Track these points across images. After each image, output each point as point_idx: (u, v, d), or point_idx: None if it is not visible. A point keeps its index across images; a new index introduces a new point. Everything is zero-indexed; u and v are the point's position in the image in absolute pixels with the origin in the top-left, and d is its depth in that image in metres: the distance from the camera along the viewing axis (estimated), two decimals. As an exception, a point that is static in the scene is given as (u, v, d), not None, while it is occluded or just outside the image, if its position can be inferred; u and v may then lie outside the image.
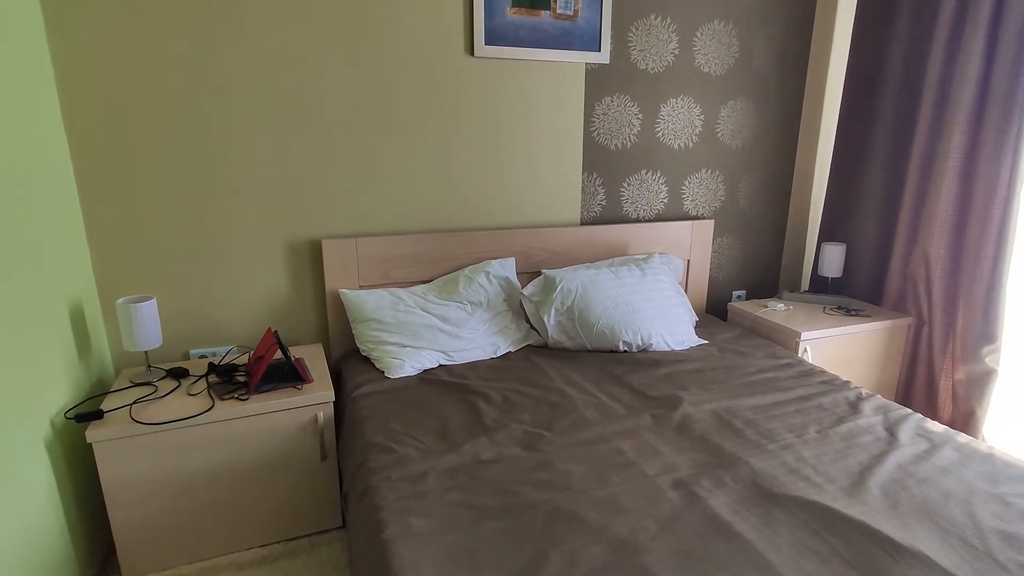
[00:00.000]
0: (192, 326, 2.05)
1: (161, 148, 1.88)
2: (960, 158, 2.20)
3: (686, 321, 2.32)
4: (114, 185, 1.85)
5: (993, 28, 2.07)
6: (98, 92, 1.78)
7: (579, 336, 2.18)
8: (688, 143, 2.58)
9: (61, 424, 1.58)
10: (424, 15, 2.06)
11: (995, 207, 2.11)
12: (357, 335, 2.09)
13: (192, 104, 1.88)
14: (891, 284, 2.54)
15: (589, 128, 2.40)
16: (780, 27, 2.59)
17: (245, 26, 1.88)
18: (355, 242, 2.12)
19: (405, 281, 2.23)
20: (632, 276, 2.30)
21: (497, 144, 2.27)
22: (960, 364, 2.28)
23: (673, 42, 2.42)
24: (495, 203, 2.33)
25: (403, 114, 2.12)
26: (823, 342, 2.37)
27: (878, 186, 2.54)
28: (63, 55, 1.72)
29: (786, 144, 2.78)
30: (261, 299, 2.11)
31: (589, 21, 2.25)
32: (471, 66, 2.16)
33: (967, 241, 2.22)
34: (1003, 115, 2.06)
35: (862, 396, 1.86)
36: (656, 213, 2.62)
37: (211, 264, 2.02)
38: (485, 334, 2.17)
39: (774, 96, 2.68)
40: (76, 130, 1.78)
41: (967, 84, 2.13)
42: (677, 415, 1.72)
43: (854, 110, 2.60)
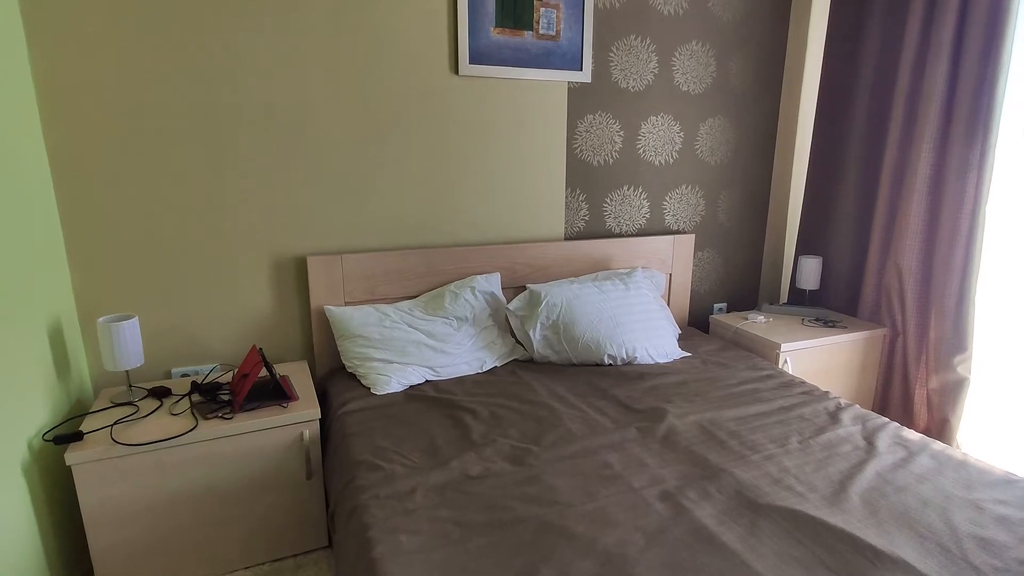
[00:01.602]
0: (174, 344, 2.02)
1: (143, 165, 1.87)
2: (928, 174, 2.29)
3: (669, 334, 2.35)
4: (95, 202, 1.84)
5: (956, 51, 2.17)
6: (80, 109, 1.77)
7: (564, 350, 2.20)
8: (669, 159, 2.64)
9: (39, 446, 1.54)
10: (409, 35, 2.09)
11: (962, 221, 2.19)
12: (343, 352, 2.08)
13: (176, 122, 1.87)
14: (866, 296, 2.61)
15: (572, 145, 2.44)
16: (755, 48, 2.68)
17: (230, 44, 1.89)
18: (341, 259, 2.12)
19: (391, 297, 2.23)
20: (616, 290, 2.33)
21: (482, 161, 2.30)
22: (933, 373, 2.35)
23: (653, 62, 2.49)
24: (480, 219, 2.35)
25: (388, 131, 2.14)
26: (802, 353, 2.42)
27: (851, 201, 2.62)
28: (45, 72, 1.71)
29: (763, 160, 2.85)
30: (245, 316, 2.09)
31: (571, 41, 2.30)
32: (456, 84, 2.19)
33: (937, 254, 2.30)
34: (967, 134, 2.15)
35: (841, 406, 1.90)
36: (638, 228, 2.67)
37: (194, 281, 2.00)
38: (471, 349, 2.18)
39: (750, 114, 2.75)
40: (57, 147, 1.77)
41: (932, 104, 2.22)
42: (662, 427, 1.74)
43: (827, 128, 2.68)
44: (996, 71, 2.05)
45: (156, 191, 1.90)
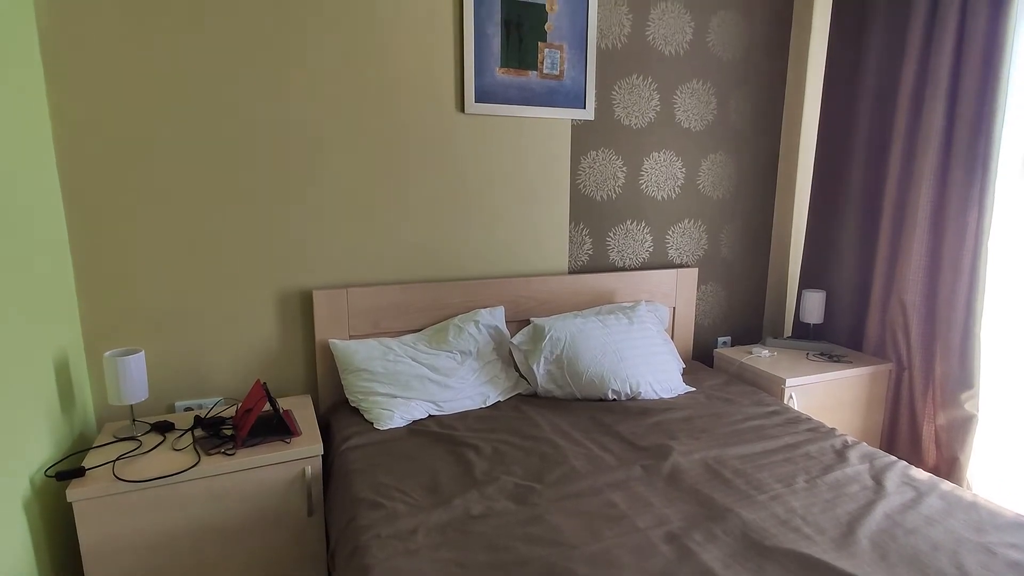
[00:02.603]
0: (178, 377, 2.03)
1: (152, 199, 1.90)
2: (929, 211, 2.30)
3: (673, 368, 2.34)
4: (104, 235, 1.87)
5: (952, 91, 2.21)
6: (92, 146, 1.81)
7: (568, 385, 2.20)
8: (671, 194, 2.67)
9: (40, 482, 1.54)
10: (417, 75, 2.14)
11: (965, 257, 2.20)
12: (346, 386, 2.08)
13: (185, 157, 1.92)
14: (871, 330, 2.60)
15: (576, 180, 2.47)
16: (754, 87, 2.73)
17: (241, 82, 1.94)
18: (346, 292, 2.14)
19: (395, 330, 2.24)
20: (620, 324, 2.33)
21: (486, 196, 2.33)
22: (941, 410, 2.33)
23: (655, 100, 2.54)
24: (484, 253, 2.38)
25: (394, 167, 2.18)
26: (808, 388, 2.40)
27: (854, 236, 2.63)
28: (60, 107, 1.76)
29: (764, 195, 2.88)
30: (249, 350, 2.10)
31: (575, 80, 2.36)
32: (462, 122, 2.24)
33: (940, 290, 2.30)
34: (966, 171, 2.17)
35: (848, 444, 1.88)
36: (642, 261, 2.69)
37: (200, 314, 2.02)
38: (474, 383, 2.17)
39: (751, 150, 2.80)
40: (70, 181, 1.81)
41: (931, 142, 2.25)
42: (667, 465, 1.73)
43: (827, 164, 2.72)
44: (993, 110, 2.08)
45: (164, 225, 1.93)
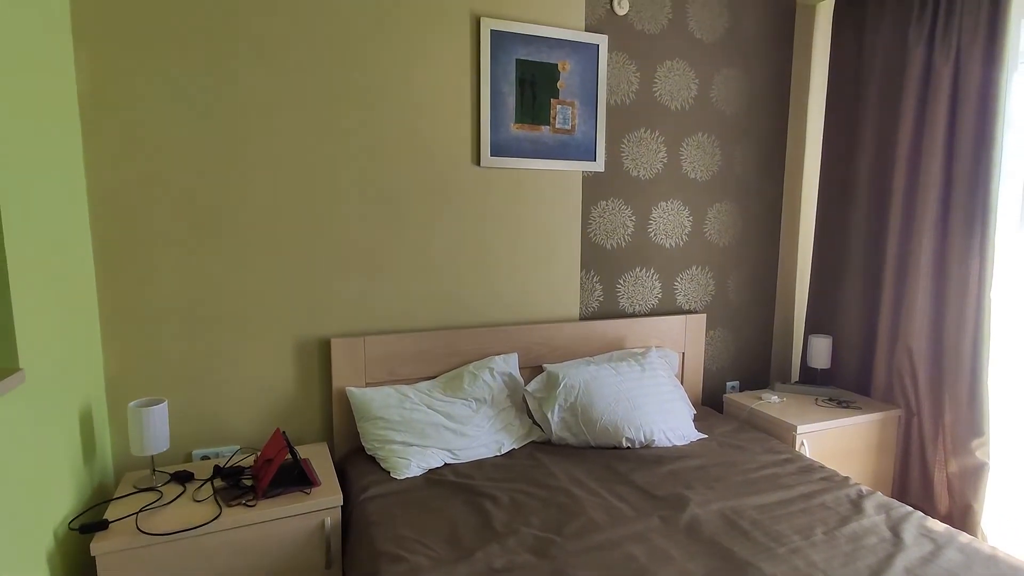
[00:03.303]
0: (196, 425, 2.04)
1: (179, 253, 1.96)
2: (931, 260, 2.37)
3: (685, 415, 2.36)
4: (130, 288, 1.91)
5: (948, 148, 2.30)
6: (125, 204, 1.88)
7: (582, 432, 2.21)
8: (679, 242, 2.74)
9: (63, 535, 1.54)
10: (436, 130, 2.23)
11: (968, 305, 2.25)
12: (363, 434, 2.10)
13: (210, 211, 1.98)
14: (878, 376, 2.63)
15: (586, 229, 2.54)
16: (756, 138, 2.83)
17: (264, 136, 2.02)
18: (363, 340, 2.18)
19: (410, 378, 2.26)
20: (632, 371, 2.37)
21: (501, 245, 2.40)
22: (952, 457, 2.34)
23: (662, 152, 2.63)
24: (498, 300, 2.42)
25: (411, 218, 2.25)
26: (819, 435, 2.42)
27: (858, 283, 2.69)
28: (95, 165, 1.83)
29: (769, 242, 2.96)
30: (267, 398, 2.12)
31: (585, 134, 2.45)
32: (477, 175, 2.32)
33: (946, 337, 2.34)
34: (966, 225, 2.24)
35: (863, 493, 1.89)
36: (651, 308, 2.73)
37: (219, 364, 2.05)
38: (489, 431, 2.19)
39: (755, 199, 2.88)
40: (101, 237, 1.86)
41: (930, 196, 2.33)
42: (685, 516, 1.73)
43: (829, 213, 2.80)
44: (989, 166, 2.16)
45: (186, 277, 1.98)
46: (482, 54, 2.23)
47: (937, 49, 2.30)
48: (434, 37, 2.19)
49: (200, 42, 1.91)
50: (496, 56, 2.26)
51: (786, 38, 2.83)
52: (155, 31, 1.86)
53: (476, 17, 2.23)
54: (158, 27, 1.86)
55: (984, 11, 2.16)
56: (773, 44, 2.80)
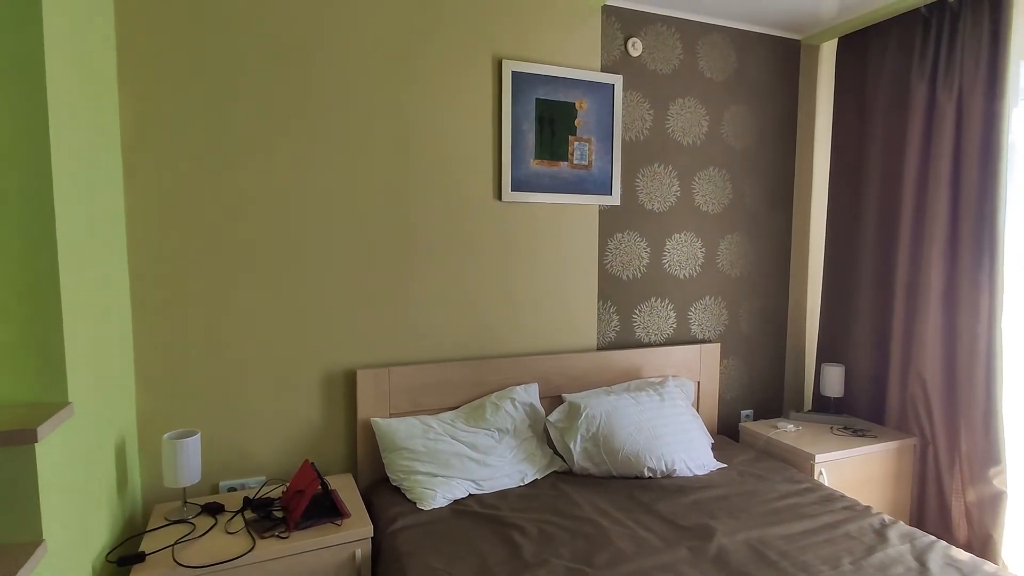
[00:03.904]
0: (223, 457, 2.06)
1: (209, 286, 2.01)
2: (941, 291, 2.42)
3: (704, 444, 2.39)
4: (163, 322, 1.96)
5: (954, 184, 2.38)
6: (162, 239, 1.94)
7: (604, 462, 2.24)
8: (692, 273, 2.80)
9: (101, 567, 1.56)
10: (460, 167, 2.31)
11: (980, 335, 2.30)
12: (388, 464, 2.12)
13: (244, 248, 2.04)
14: (892, 404, 2.66)
15: (603, 261, 2.60)
16: (765, 172, 2.92)
17: (296, 174, 2.09)
18: (388, 371, 2.21)
19: (433, 408, 2.29)
20: (651, 401, 2.40)
21: (520, 277, 2.45)
22: (969, 486, 2.36)
23: (675, 186, 2.71)
24: (518, 331, 2.47)
25: (435, 251, 2.31)
26: (837, 464, 2.44)
27: (869, 313, 2.74)
28: (135, 207, 1.90)
29: (780, 272, 3.02)
30: (292, 429, 2.15)
31: (602, 169, 2.53)
32: (499, 209, 2.39)
33: (959, 366, 2.38)
34: (974, 258, 2.30)
35: (885, 523, 1.91)
36: (666, 337, 2.78)
37: (247, 396, 2.08)
38: (512, 461, 2.21)
39: (765, 231, 2.95)
40: (137, 274, 1.92)
41: (937, 230, 2.40)
42: (712, 547, 1.75)
43: (837, 243, 2.87)
44: (995, 199, 2.24)
45: (221, 311, 2.03)
46: (504, 94, 2.32)
47: (940, 87, 2.40)
48: (459, 79, 2.28)
49: (239, 85, 2.00)
50: (517, 96, 2.35)
51: (791, 76, 2.94)
52: (195, 74, 1.94)
53: (498, 60, 2.33)
54: (198, 70, 1.95)
55: (984, 52, 2.26)
56: (779, 82, 2.91)
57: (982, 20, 2.26)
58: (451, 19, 2.26)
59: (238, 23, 1.99)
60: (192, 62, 1.94)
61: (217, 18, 1.96)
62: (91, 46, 1.61)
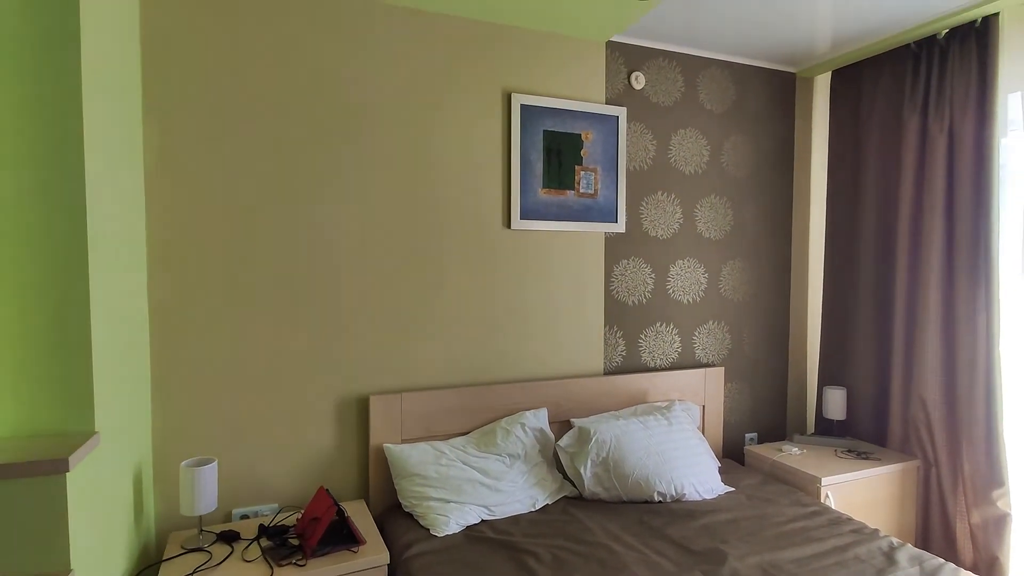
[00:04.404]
0: (236, 484, 2.07)
1: (227, 315, 2.04)
2: (940, 313, 2.48)
3: (712, 468, 2.41)
4: (179, 350, 1.99)
5: (948, 209, 2.46)
6: (177, 268, 1.98)
7: (614, 487, 2.25)
8: (696, 298, 2.85)
9: (120, 598, 1.56)
10: (470, 196, 2.37)
11: (979, 360, 2.35)
12: (400, 490, 2.13)
13: (261, 277, 2.08)
14: (894, 427, 2.70)
15: (609, 287, 2.66)
16: (765, 199, 3.00)
17: (312, 203, 2.15)
18: (400, 397, 2.24)
19: (444, 433, 2.31)
20: (659, 425, 2.43)
21: (529, 303, 2.50)
22: (973, 507, 2.39)
23: (678, 213, 2.78)
24: (527, 357, 2.51)
25: (446, 279, 2.35)
26: (842, 487, 2.46)
27: (869, 336, 2.80)
28: (155, 235, 1.94)
29: (780, 297, 3.08)
30: (305, 456, 2.16)
31: (607, 198, 2.60)
32: (507, 237, 2.44)
33: (959, 388, 2.43)
34: (970, 281, 2.37)
35: (894, 546, 1.94)
36: (671, 362, 2.82)
37: (260, 423, 2.10)
38: (523, 486, 2.23)
39: (765, 256, 3.02)
40: (155, 303, 1.95)
41: (933, 255, 2.47)
42: (725, 571, 1.77)
43: (836, 269, 2.94)
44: (988, 225, 2.31)
45: (236, 338, 2.06)
46: (513, 126, 2.40)
47: (931, 118, 2.49)
48: (470, 112, 2.36)
49: (259, 118, 2.06)
50: (525, 127, 2.43)
51: (788, 107, 3.04)
52: (217, 104, 2.00)
53: (508, 93, 2.41)
54: (221, 103, 2.01)
55: (973, 86, 2.36)
56: (777, 113, 3.01)
57: (970, 55, 2.37)
58: (463, 55, 2.34)
59: (260, 58, 2.06)
60: (215, 93, 2.00)
61: (240, 53, 2.03)
62: (120, 74, 1.66)
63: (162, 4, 1.93)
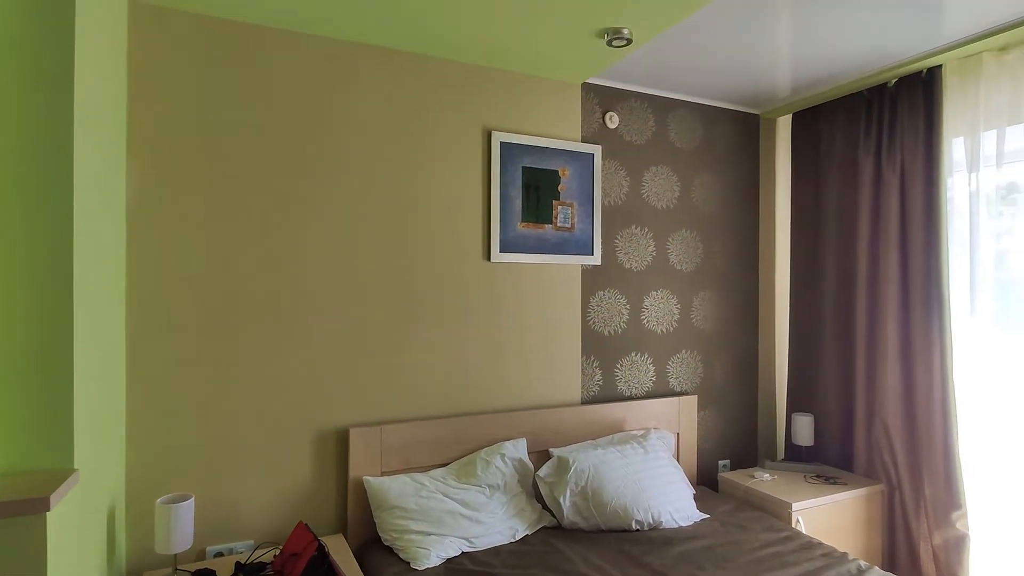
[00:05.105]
0: (210, 521, 2.04)
1: (205, 350, 2.04)
2: (898, 344, 2.62)
3: (687, 495, 2.46)
4: (156, 384, 1.97)
5: (902, 239, 2.61)
6: (156, 302, 1.97)
7: (593, 516, 2.28)
8: (669, 328, 2.94)
9: (91, 642, 1.51)
10: (451, 230, 2.43)
11: (935, 384, 2.48)
12: (380, 524, 2.12)
13: (238, 307, 2.08)
14: (859, 452, 2.81)
15: (586, 318, 2.72)
16: (733, 233, 3.13)
17: (291, 236, 2.17)
18: (380, 429, 2.24)
19: (424, 465, 2.32)
20: (636, 454, 2.48)
21: (508, 334, 2.54)
22: (935, 530, 2.49)
23: (651, 246, 2.89)
24: (506, 387, 2.54)
25: (426, 311, 2.39)
26: (812, 511, 2.54)
27: (833, 365, 2.92)
28: (136, 271, 1.93)
29: (749, 327, 3.19)
30: (283, 490, 2.14)
31: (584, 231, 2.69)
32: (487, 269, 2.50)
33: (919, 415, 2.55)
34: (924, 313, 2.51)
35: (862, 568, 2.01)
36: (647, 390, 2.89)
37: (237, 457, 2.07)
38: (503, 517, 2.24)
39: (734, 288, 3.14)
40: (133, 337, 1.94)
41: (891, 288, 2.62)
42: (703, 598, 1.81)
43: (802, 299, 3.07)
44: (939, 260, 2.46)
45: (213, 372, 2.05)
46: (493, 163, 2.48)
47: (884, 160, 2.67)
48: (451, 149, 2.43)
49: (242, 151, 2.09)
50: (505, 164, 2.51)
51: (753, 146, 3.21)
52: (199, 143, 2.03)
53: (488, 131, 2.49)
54: (203, 140, 2.03)
55: (921, 131, 2.54)
56: (742, 151, 3.17)
57: (918, 103, 2.55)
58: (445, 94, 2.42)
59: (243, 97, 2.10)
60: (196, 130, 2.03)
61: (222, 92, 2.07)
62: (107, 113, 1.68)
63: (148, 44, 1.96)
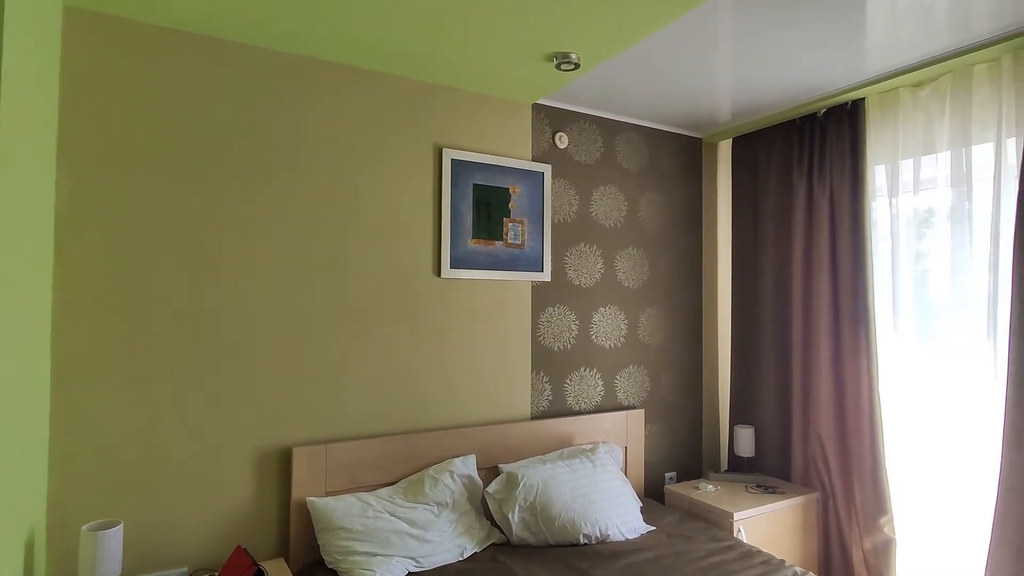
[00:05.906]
0: (140, 548, 1.94)
1: (134, 367, 1.95)
2: (829, 358, 2.76)
3: (634, 508, 2.51)
4: (83, 404, 1.87)
5: (833, 264, 2.77)
6: (85, 317, 1.88)
7: (542, 531, 2.29)
8: (617, 343, 3.01)
9: None
10: (401, 246, 2.42)
11: (863, 396, 2.62)
12: (324, 546, 2.06)
13: (170, 321, 2.01)
14: (796, 461, 2.93)
15: (536, 333, 2.76)
16: (677, 252, 3.24)
17: (234, 250, 2.12)
18: (325, 448, 2.19)
19: (371, 484, 2.28)
20: (584, 468, 2.51)
21: (458, 350, 2.54)
22: (865, 535, 2.62)
23: (599, 263, 2.95)
24: (454, 403, 2.53)
25: (376, 326, 2.36)
26: (752, 520, 2.63)
27: (771, 378, 3.05)
28: (63, 286, 1.84)
29: (694, 342, 3.30)
30: (220, 513, 2.06)
31: (534, 248, 2.73)
32: (437, 285, 2.50)
33: (849, 425, 2.69)
34: (853, 327, 2.67)
35: (799, 574, 2.09)
36: (595, 405, 2.93)
37: (170, 480, 1.99)
38: (452, 535, 2.22)
39: (679, 304, 3.24)
40: (59, 354, 1.84)
41: (823, 303, 2.76)
42: (648, 610, 1.84)
43: (742, 315, 3.20)
44: (864, 280, 2.63)
45: (144, 390, 1.96)
46: (444, 179, 2.49)
47: (816, 185, 2.83)
48: (402, 165, 2.43)
49: (178, 166, 2.03)
50: (456, 181, 2.53)
51: (696, 169, 3.34)
52: (133, 155, 1.96)
53: (439, 148, 2.51)
54: (139, 150, 1.97)
55: (847, 158, 2.71)
56: (686, 173, 3.30)
57: (844, 132, 2.73)
58: (397, 111, 2.43)
59: (185, 109, 2.04)
60: (135, 141, 1.96)
61: (159, 101, 2.01)
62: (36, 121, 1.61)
63: (83, 52, 1.89)
